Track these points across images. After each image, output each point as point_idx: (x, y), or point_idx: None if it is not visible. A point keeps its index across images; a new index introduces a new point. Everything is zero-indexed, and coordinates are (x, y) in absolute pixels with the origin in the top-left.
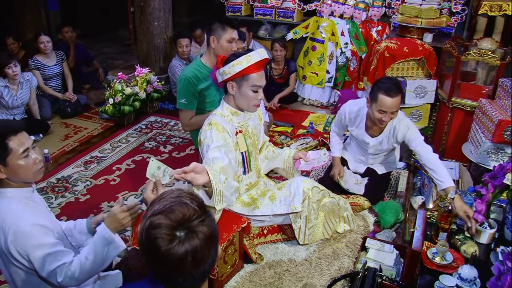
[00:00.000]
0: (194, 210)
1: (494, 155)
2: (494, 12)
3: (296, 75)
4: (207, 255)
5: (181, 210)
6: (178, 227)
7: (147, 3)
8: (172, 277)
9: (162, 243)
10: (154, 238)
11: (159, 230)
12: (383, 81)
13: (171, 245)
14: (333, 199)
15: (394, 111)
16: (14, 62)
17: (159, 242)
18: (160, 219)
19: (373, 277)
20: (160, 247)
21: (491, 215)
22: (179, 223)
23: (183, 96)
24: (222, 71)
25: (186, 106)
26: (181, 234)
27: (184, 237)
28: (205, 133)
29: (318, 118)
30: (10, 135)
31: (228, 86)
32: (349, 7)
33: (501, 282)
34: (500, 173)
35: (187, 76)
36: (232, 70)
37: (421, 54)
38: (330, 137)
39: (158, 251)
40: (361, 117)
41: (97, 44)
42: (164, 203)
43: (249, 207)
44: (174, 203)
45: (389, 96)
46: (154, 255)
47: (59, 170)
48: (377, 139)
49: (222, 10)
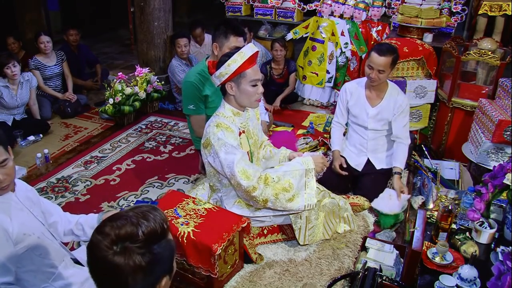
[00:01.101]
0: (138, 236)
1: (494, 155)
2: (494, 12)
3: (296, 75)
4: (131, 281)
5: (128, 229)
6: (118, 242)
7: (147, 3)
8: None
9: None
10: (95, 243)
11: (101, 237)
12: (381, 43)
13: (106, 253)
14: (333, 200)
15: (381, 69)
16: (13, 62)
17: (100, 246)
18: (106, 227)
19: (373, 277)
20: (98, 250)
21: (491, 215)
22: (120, 239)
23: (190, 101)
24: (218, 73)
25: (195, 112)
26: (117, 248)
27: (118, 250)
28: (215, 135)
29: (318, 118)
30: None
31: (227, 87)
32: (349, 7)
33: (501, 282)
34: (500, 173)
35: (191, 81)
36: (228, 70)
37: (421, 54)
38: (332, 131)
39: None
40: (360, 88)
41: (97, 44)
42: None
43: (250, 209)
44: (133, 217)
45: (378, 54)
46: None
47: (59, 170)
48: (377, 108)
49: (222, 10)
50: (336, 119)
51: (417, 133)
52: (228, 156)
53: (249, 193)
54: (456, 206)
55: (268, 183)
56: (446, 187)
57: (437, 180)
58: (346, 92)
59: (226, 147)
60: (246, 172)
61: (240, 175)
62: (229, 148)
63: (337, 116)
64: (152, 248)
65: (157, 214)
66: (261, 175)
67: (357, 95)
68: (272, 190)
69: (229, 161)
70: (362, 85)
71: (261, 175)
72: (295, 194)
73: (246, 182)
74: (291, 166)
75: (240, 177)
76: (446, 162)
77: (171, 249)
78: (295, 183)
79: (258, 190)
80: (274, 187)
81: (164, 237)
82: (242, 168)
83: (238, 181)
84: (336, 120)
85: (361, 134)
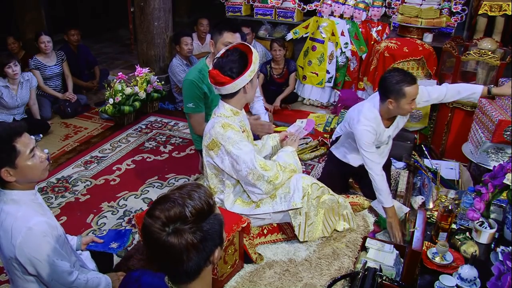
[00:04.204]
0: (187, 216)
1: (494, 155)
2: (494, 12)
3: (296, 75)
4: (185, 259)
5: (176, 211)
6: (169, 224)
7: (147, 3)
8: (161, 264)
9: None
10: (147, 226)
11: (152, 221)
12: (395, 75)
13: (159, 234)
14: (333, 197)
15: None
16: (14, 61)
17: (152, 229)
18: (156, 211)
19: (373, 277)
20: (152, 233)
21: (491, 215)
22: (171, 221)
23: (189, 100)
24: (235, 84)
25: (194, 110)
26: (169, 230)
27: (170, 232)
28: (224, 135)
29: (318, 118)
30: (16, 137)
31: (247, 86)
32: (349, 7)
33: (501, 282)
34: (500, 173)
35: (191, 79)
36: (248, 78)
37: (421, 54)
38: (379, 179)
39: (149, 237)
40: (379, 119)
41: (97, 44)
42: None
43: (250, 206)
44: (179, 198)
45: (414, 83)
46: (146, 239)
47: (59, 170)
48: (393, 126)
49: (222, 10)
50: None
51: (417, 133)
52: (244, 152)
53: (272, 182)
54: (456, 206)
55: (283, 169)
56: (446, 187)
57: (437, 180)
58: (372, 131)
59: (239, 145)
60: (265, 164)
61: (260, 167)
62: (242, 145)
63: (374, 152)
64: (201, 226)
65: (202, 191)
66: (276, 163)
67: (379, 129)
68: (287, 175)
69: (247, 157)
70: (378, 116)
71: (274, 163)
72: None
73: (268, 172)
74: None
75: (261, 169)
76: (446, 162)
77: (219, 223)
78: (294, 162)
79: (279, 178)
80: (285, 172)
81: (211, 213)
82: (260, 161)
83: (261, 173)
84: (376, 160)
85: (382, 148)
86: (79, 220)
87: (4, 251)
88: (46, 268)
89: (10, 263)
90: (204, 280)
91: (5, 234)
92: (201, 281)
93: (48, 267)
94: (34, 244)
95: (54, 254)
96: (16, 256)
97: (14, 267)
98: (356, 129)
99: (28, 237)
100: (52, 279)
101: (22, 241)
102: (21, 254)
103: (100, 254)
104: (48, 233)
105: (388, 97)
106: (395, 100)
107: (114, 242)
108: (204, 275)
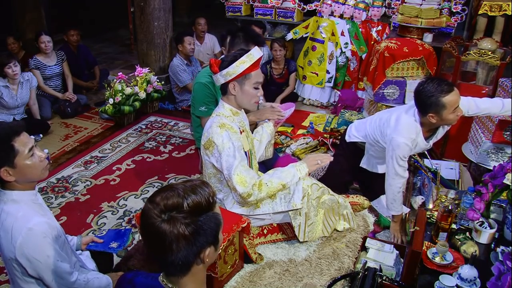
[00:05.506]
0: (184, 207)
1: (494, 155)
2: (494, 12)
3: (296, 75)
4: (175, 248)
5: (175, 200)
6: (166, 211)
7: (147, 3)
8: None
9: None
10: (146, 210)
11: (151, 206)
12: (428, 87)
13: (155, 220)
14: (333, 197)
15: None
16: (14, 61)
17: (150, 213)
18: (157, 197)
19: (373, 277)
20: (148, 218)
21: (491, 215)
22: (168, 209)
23: (201, 103)
24: (225, 72)
25: (207, 113)
26: (164, 217)
27: (165, 219)
28: (219, 136)
29: (318, 118)
30: (14, 137)
31: (230, 87)
32: (349, 7)
33: (501, 282)
34: (500, 173)
35: (202, 83)
36: (236, 70)
37: (421, 54)
38: (397, 192)
39: (146, 221)
40: (419, 131)
41: (97, 44)
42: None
43: (250, 207)
44: (181, 189)
45: (451, 91)
46: (143, 223)
47: (59, 170)
48: (432, 139)
49: (222, 10)
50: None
51: None
52: (229, 159)
53: (244, 199)
54: (456, 206)
55: (261, 189)
56: (446, 187)
57: (437, 180)
58: (411, 144)
59: (229, 150)
60: (243, 178)
61: (237, 180)
62: (231, 151)
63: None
64: (196, 220)
65: (205, 188)
66: (256, 182)
67: (416, 140)
68: (266, 194)
69: (229, 164)
70: (419, 129)
71: (255, 181)
72: (288, 188)
73: (241, 188)
74: (286, 171)
75: (236, 182)
76: (446, 162)
77: (216, 222)
78: (288, 181)
79: (252, 196)
80: (268, 191)
81: (209, 210)
82: (240, 174)
83: (234, 186)
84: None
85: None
86: (79, 220)
87: (4, 251)
88: (46, 269)
89: (10, 263)
90: (197, 278)
91: (5, 235)
92: (193, 278)
93: (48, 268)
94: (34, 244)
95: (54, 255)
96: (16, 257)
97: (14, 267)
98: (393, 139)
99: (28, 237)
100: (52, 280)
101: (22, 241)
102: (21, 255)
103: (100, 254)
104: (48, 234)
105: (427, 112)
106: (436, 114)
107: (114, 242)
108: (196, 272)
